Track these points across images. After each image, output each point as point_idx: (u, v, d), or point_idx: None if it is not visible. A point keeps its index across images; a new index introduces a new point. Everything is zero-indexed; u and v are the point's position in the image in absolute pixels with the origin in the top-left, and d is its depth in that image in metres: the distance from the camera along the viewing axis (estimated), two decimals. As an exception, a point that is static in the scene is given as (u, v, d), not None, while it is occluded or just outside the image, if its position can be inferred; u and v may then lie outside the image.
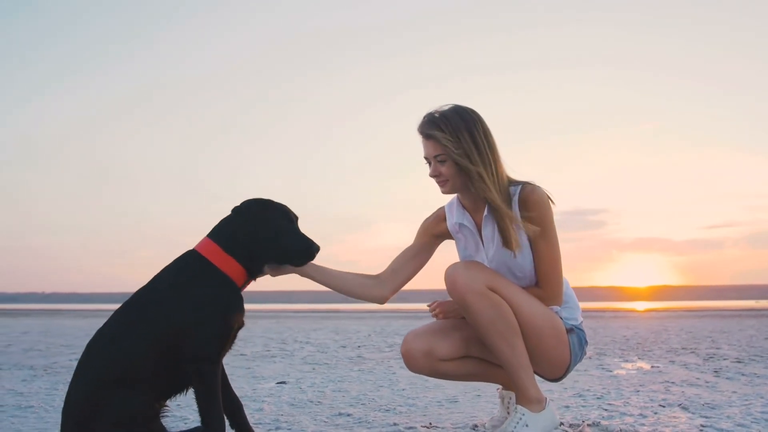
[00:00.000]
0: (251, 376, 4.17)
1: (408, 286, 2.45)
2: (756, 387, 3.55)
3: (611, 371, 4.41)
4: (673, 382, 3.75)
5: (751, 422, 2.51)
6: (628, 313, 20.58)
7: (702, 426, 2.43)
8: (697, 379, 3.93)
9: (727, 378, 3.97)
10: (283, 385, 3.74)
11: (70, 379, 1.84)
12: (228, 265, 1.88)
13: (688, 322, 12.70)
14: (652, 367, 4.68)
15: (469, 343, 2.29)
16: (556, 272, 2.25)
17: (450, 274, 2.17)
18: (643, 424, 2.47)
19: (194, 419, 2.56)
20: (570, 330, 2.27)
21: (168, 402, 1.93)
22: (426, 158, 2.22)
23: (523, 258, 2.22)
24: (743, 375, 4.11)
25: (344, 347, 6.68)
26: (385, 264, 2.41)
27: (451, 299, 2.25)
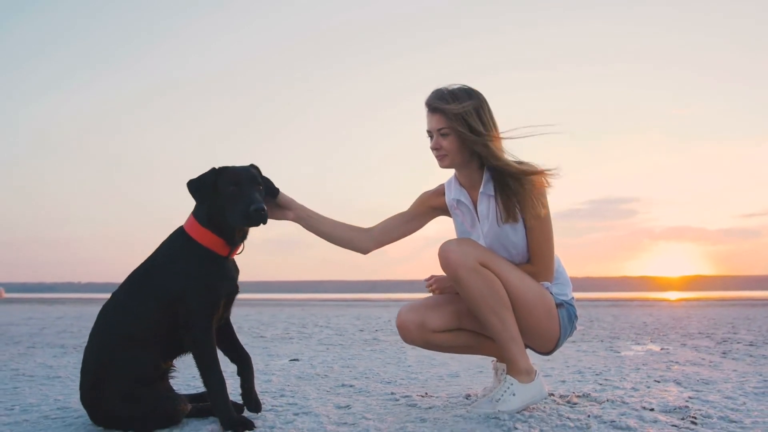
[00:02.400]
0: (266, 354, 4.35)
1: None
2: (759, 366, 3.59)
3: (619, 352, 4.47)
4: (676, 362, 3.80)
5: (740, 395, 2.57)
6: (656, 302, 20.37)
7: (689, 398, 2.50)
8: (703, 359, 3.97)
9: (732, 359, 4.01)
10: (295, 362, 3.91)
11: None
12: (205, 237, 1.99)
13: (714, 311, 12.55)
14: (661, 349, 4.72)
15: (461, 317, 2.40)
16: (548, 249, 2.34)
17: (443, 251, 2.28)
18: (632, 396, 2.56)
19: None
20: (560, 305, 2.36)
21: (174, 362, 2.08)
22: (429, 131, 2.32)
23: (516, 234, 2.32)
24: (751, 356, 4.13)
25: (362, 331, 6.84)
26: (411, 255, 2.54)
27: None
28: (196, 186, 2.00)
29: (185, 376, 3.10)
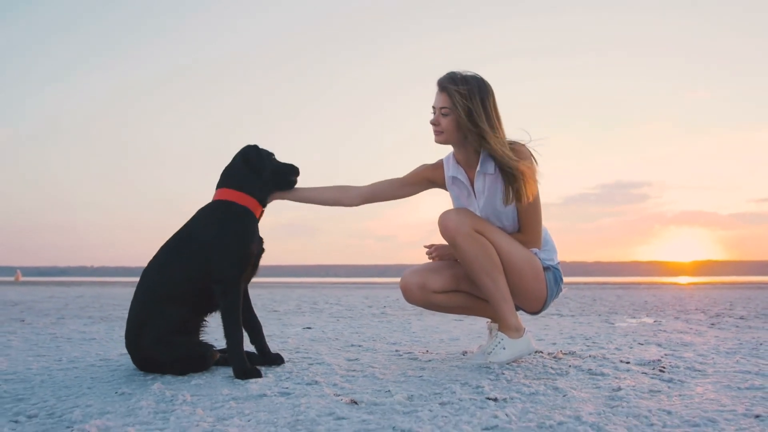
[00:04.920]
0: (281, 324, 4.65)
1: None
2: (741, 334, 3.83)
3: (613, 324, 4.73)
4: (664, 331, 4.06)
5: (712, 353, 2.83)
6: (663, 285, 20.54)
7: (665, 355, 2.77)
8: (690, 328, 4.23)
9: (719, 328, 4.25)
10: (309, 329, 4.21)
11: (123, 327, 2.32)
12: (245, 199, 2.34)
13: (719, 292, 12.74)
14: (654, 321, 4.97)
15: (458, 280, 2.67)
16: (537, 220, 2.59)
17: (443, 219, 2.55)
18: (614, 354, 2.82)
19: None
20: (547, 268, 2.63)
21: (208, 318, 2.38)
22: (433, 107, 2.56)
23: (508, 208, 2.57)
24: (737, 327, 4.38)
25: (371, 307, 7.14)
26: (420, 239, 2.83)
27: (445, 243, 2.63)
28: (248, 156, 2.42)
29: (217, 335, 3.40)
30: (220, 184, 2.40)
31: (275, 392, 1.91)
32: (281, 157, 2.55)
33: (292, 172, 2.52)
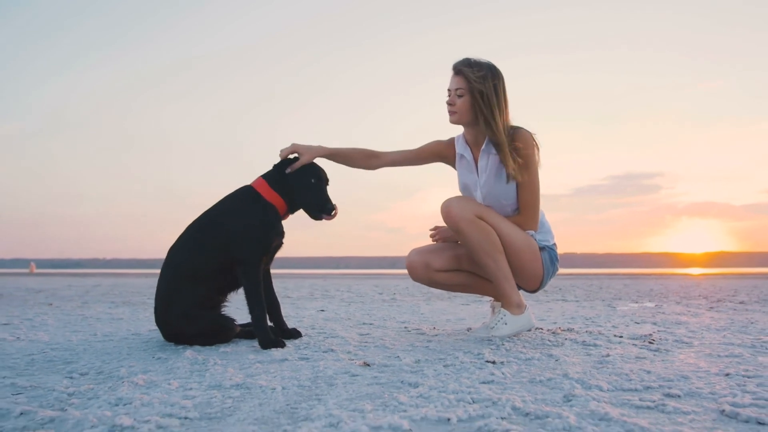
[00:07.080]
0: (296, 308, 4.87)
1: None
2: (736, 315, 4.00)
3: (615, 308, 4.91)
4: (663, 313, 4.23)
5: (702, 330, 3.01)
6: (671, 276, 20.61)
7: (657, 331, 2.95)
8: (689, 311, 4.40)
9: (716, 311, 4.42)
10: (322, 311, 4.42)
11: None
12: (272, 197, 2.51)
13: (726, 281, 12.83)
14: (655, 305, 5.14)
15: (460, 260, 2.86)
16: (535, 202, 2.77)
17: (445, 206, 2.73)
18: (610, 330, 3.01)
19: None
20: (542, 249, 2.82)
21: (228, 297, 2.58)
22: (449, 90, 2.75)
23: (508, 187, 2.75)
24: (734, 310, 4.54)
25: (381, 294, 7.35)
26: (426, 230, 3.02)
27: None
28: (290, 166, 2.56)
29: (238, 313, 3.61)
30: (264, 175, 2.57)
31: (296, 357, 2.12)
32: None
33: (320, 208, 2.52)
